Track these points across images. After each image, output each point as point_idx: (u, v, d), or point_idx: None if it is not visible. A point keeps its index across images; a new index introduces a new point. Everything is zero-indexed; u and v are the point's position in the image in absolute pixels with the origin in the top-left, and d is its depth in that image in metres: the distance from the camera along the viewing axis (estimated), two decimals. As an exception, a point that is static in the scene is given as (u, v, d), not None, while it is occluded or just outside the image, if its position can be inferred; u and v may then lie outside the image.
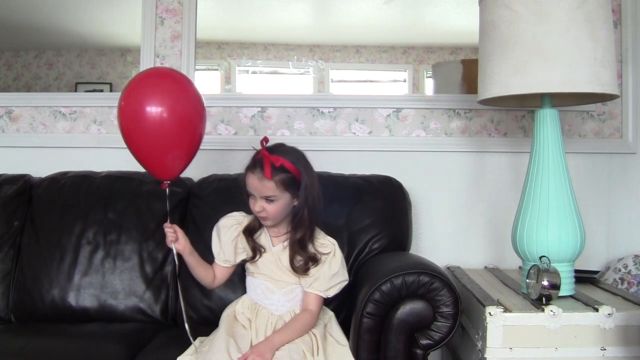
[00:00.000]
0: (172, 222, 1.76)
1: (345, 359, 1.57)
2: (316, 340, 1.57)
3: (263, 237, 1.68)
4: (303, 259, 1.62)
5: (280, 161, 1.56)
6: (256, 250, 1.67)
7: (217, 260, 1.71)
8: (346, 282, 1.66)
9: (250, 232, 1.68)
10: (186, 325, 1.64)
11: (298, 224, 1.62)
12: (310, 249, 1.63)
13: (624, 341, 1.55)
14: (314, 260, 1.62)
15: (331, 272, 1.62)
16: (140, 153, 1.62)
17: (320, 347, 1.56)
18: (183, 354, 1.56)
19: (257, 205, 1.59)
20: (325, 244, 1.65)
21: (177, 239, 1.64)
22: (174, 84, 1.63)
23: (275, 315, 1.63)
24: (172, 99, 1.58)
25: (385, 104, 2.34)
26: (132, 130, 1.58)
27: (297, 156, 1.61)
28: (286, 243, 1.65)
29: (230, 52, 2.51)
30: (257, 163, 1.57)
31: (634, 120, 2.29)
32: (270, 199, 1.57)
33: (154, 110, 1.54)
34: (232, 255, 1.68)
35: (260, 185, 1.56)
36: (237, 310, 1.67)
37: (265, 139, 1.60)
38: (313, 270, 1.62)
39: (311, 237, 1.64)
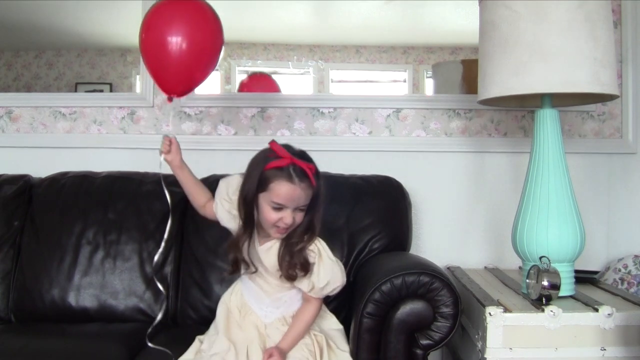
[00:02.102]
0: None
1: None
2: (319, 347, 1.55)
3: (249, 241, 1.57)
4: (295, 264, 1.51)
5: (314, 168, 1.49)
6: (239, 264, 1.57)
7: (216, 199, 1.63)
8: (342, 286, 1.56)
9: (236, 246, 1.56)
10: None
11: (309, 231, 1.52)
12: (303, 255, 1.52)
13: (624, 341, 1.55)
14: (304, 268, 1.51)
15: (319, 284, 1.51)
16: (150, 62, 1.70)
17: (325, 352, 1.54)
18: (184, 354, 1.56)
19: (289, 217, 1.46)
20: (312, 249, 1.52)
21: (169, 151, 1.62)
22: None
23: (264, 323, 1.57)
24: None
25: (385, 104, 2.34)
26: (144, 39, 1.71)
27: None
28: (270, 244, 1.55)
29: (230, 52, 2.51)
30: (293, 172, 1.45)
31: (634, 120, 2.29)
32: (302, 207, 1.48)
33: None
34: (227, 218, 1.62)
35: (302, 195, 1.46)
36: (232, 305, 1.61)
37: (274, 143, 1.50)
38: (304, 279, 1.52)
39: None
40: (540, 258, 1.64)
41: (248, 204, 1.49)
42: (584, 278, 1.93)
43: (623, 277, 2.09)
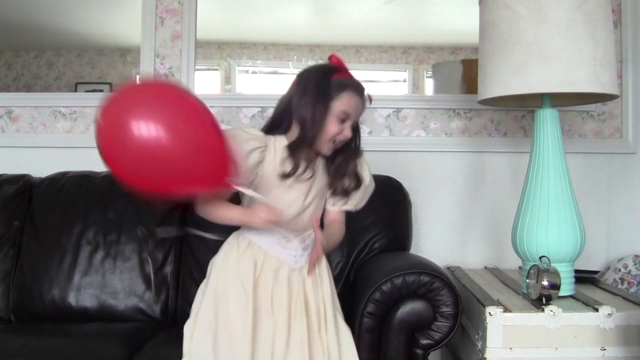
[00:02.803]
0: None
1: (349, 343, 1.51)
2: (325, 318, 1.50)
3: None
4: (347, 175, 1.58)
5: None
6: (308, 167, 1.50)
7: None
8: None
9: (295, 150, 1.49)
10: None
11: (354, 149, 1.59)
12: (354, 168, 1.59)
13: (624, 341, 1.55)
14: (357, 178, 1.59)
15: (364, 184, 1.61)
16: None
17: (332, 326, 1.49)
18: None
19: (349, 130, 1.52)
20: None
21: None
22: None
23: (296, 270, 1.51)
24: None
25: (385, 104, 2.34)
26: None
27: None
28: (315, 167, 1.55)
29: (230, 52, 2.51)
30: (360, 87, 1.52)
31: (634, 120, 2.29)
32: (354, 124, 1.55)
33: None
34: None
35: (360, 109, 1.53)
36: (248, 272, 1.47)
37: (335, 56, 1.53)
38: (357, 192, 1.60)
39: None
40: (540, 258, 1.64)
41: (321, 110, 1.47)
42: (584, 278, 1.93)
43: (623, 277, 2.09)
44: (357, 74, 1.57)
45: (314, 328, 1.47)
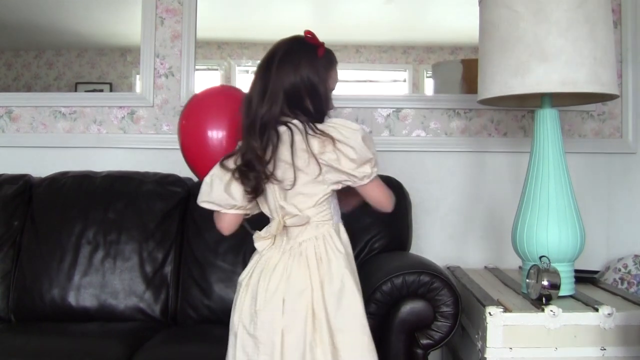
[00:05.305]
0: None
1: None
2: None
3: None
4: None
5: None
6: None
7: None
8: None
9: None
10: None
11: None
12: None
13: (624, 341, 1.55)
14: None
15: None
16: None
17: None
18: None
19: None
20: None
21: None
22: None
23: None
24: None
25: (385, 104, 2.34)
26: None
27: None
28: None
29: (230, 52, 2.51)
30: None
31: (634, 120, 2.29)
32: None
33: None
34: None
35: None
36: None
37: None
38: None
39: None
40: (540, 258, 1.64)
41: (325, 89, 1.48)
42: (584, 278, 1.93)
43: (623, 276, 2.09)
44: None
45: None
